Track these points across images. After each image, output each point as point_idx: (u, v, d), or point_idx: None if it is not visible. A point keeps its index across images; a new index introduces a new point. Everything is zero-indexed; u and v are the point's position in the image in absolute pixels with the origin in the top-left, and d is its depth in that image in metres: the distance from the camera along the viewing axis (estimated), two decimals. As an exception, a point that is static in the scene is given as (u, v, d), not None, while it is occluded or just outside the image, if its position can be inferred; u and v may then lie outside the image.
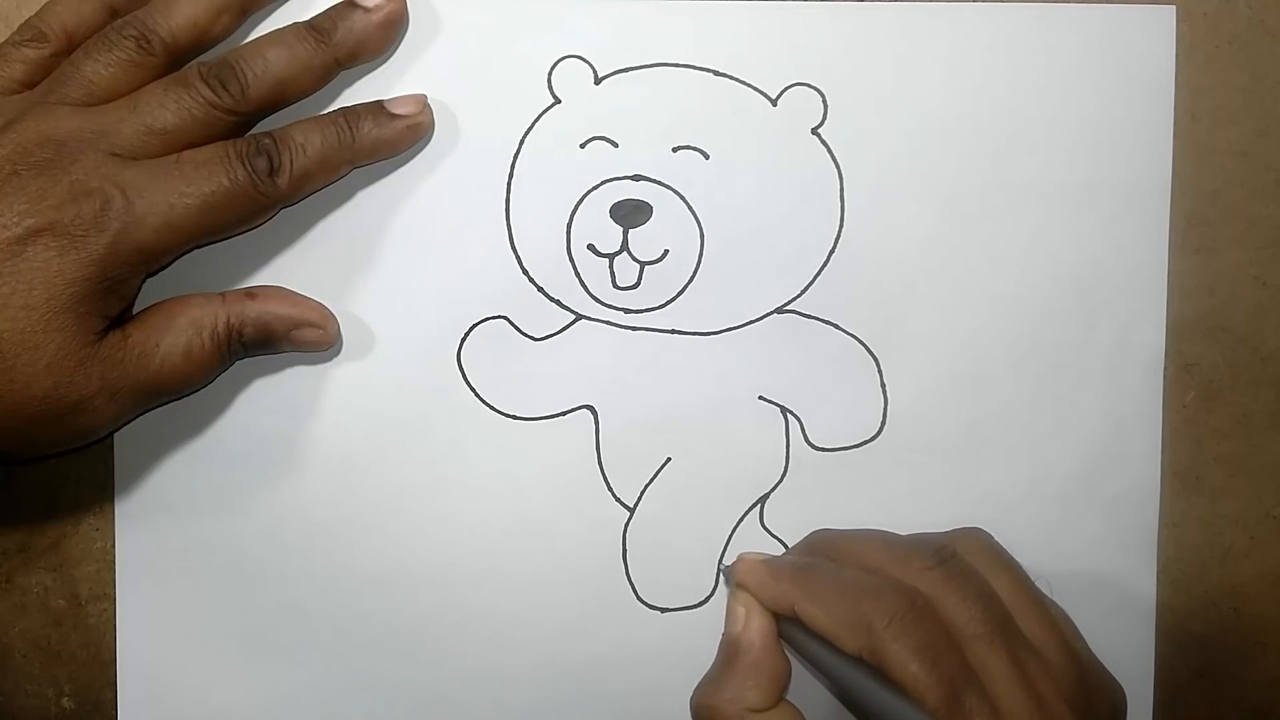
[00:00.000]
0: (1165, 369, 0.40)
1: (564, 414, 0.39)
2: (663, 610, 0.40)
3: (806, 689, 0.37)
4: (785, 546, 0.40)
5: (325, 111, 0.37)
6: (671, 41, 0.38)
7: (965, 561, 0.35)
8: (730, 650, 0.36)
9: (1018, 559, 0.37)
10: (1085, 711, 0.33)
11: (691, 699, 0.36)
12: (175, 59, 0.36)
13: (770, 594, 0.35)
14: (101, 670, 0.40)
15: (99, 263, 0.33)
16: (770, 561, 0.36)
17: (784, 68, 0.39)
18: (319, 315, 0.38)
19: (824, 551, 0.37)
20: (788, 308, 0.39)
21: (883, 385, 0.40)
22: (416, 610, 0.40)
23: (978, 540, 0.36)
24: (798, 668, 0.36)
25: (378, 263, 0.39)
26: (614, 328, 0.39)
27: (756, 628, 0.36)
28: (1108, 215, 0.39)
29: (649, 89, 0.38)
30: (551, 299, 0.39)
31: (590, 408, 0.39)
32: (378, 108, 0.37)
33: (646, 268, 0.39)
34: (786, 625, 0.35)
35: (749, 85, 0.39)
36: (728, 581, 0.38)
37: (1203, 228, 0.40)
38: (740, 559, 0.37)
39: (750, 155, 0.39)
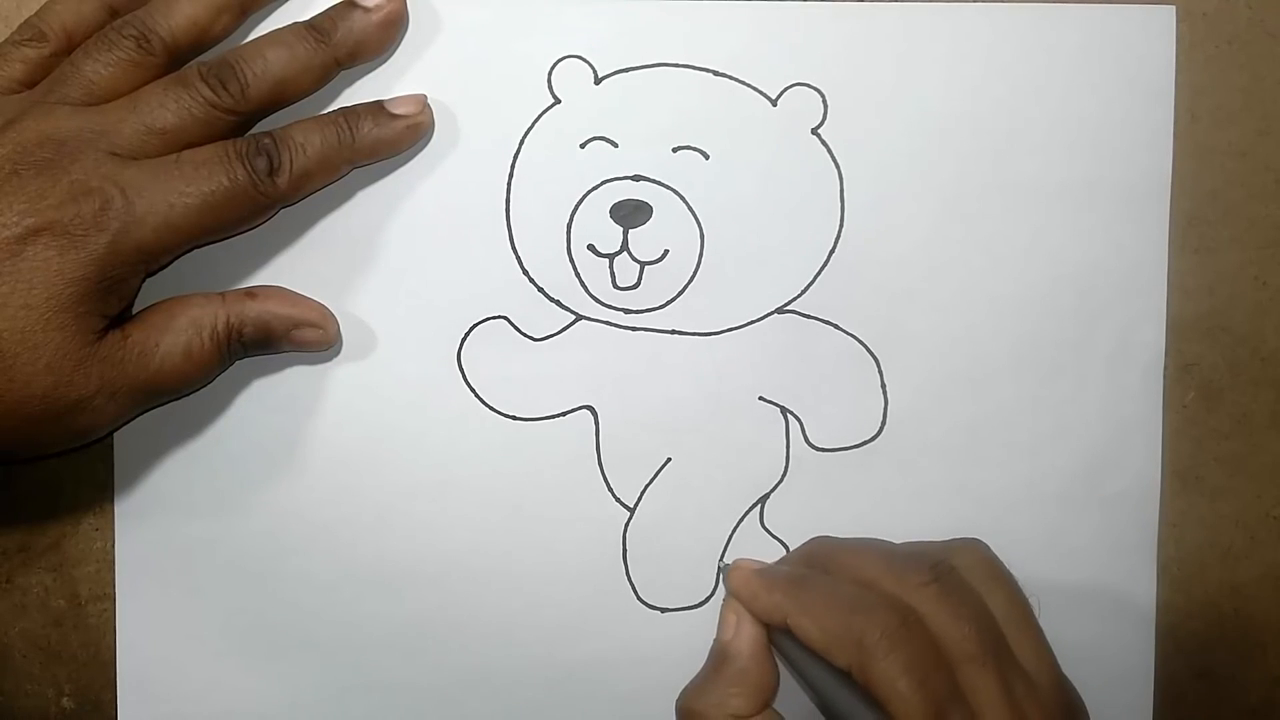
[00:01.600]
0: (1165, 369, 0.40)
1: (564, 414, 0.39)
2: (663, 610, 0.40)
3: (796, 699, 0.36)
4: (785, 547, 0.40)
5: (325, 111, 0.37)
6: (671, 41, 0.38)
7: (961, 577, 0.34)
8: (719, 657, 0.36)
9: (1018, 559, 0.37)
10: None
11: (677, 702, 0.36)
12: (175, 59, 0.36)
13: (763, 605, 0.35)
14: (101, 670, 0.40)
15: (99, 262, 0.33)
16: (764, 572, 0.36)
17: (784, 68, 0.39)
18: (319, 315, 0.38)
19: (821, 562, 0.37)
20: (788, 308, 0.39)
21: (883, 385, 0.40)
22: (416, 610, 0.40)
23: (975, 553, 0.36)
24: (787, 679, 0.36)
25: (378, 263, 0.39)
26: (614, 328, 0.39)
27: (746, 636, 0.36)
28: (1108, 215, 0.39)
29: (649, 89, 0.38)
30: (551, 299, 0.39)
31: (590, 408, 0.39)
32: (378, 108, 0.37)
33: (646, 268, 0.39)
34: (778, 636, 0.35)
35: (749, 85, 0.39)
36: (725, 582, 0.38)
37: (1203, 228, 0.40)
38: (735, 566, 0.37)
39: (750, 155, 0.39)
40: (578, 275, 0.39)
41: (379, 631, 0.40)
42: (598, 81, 0.38)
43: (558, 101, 0.38)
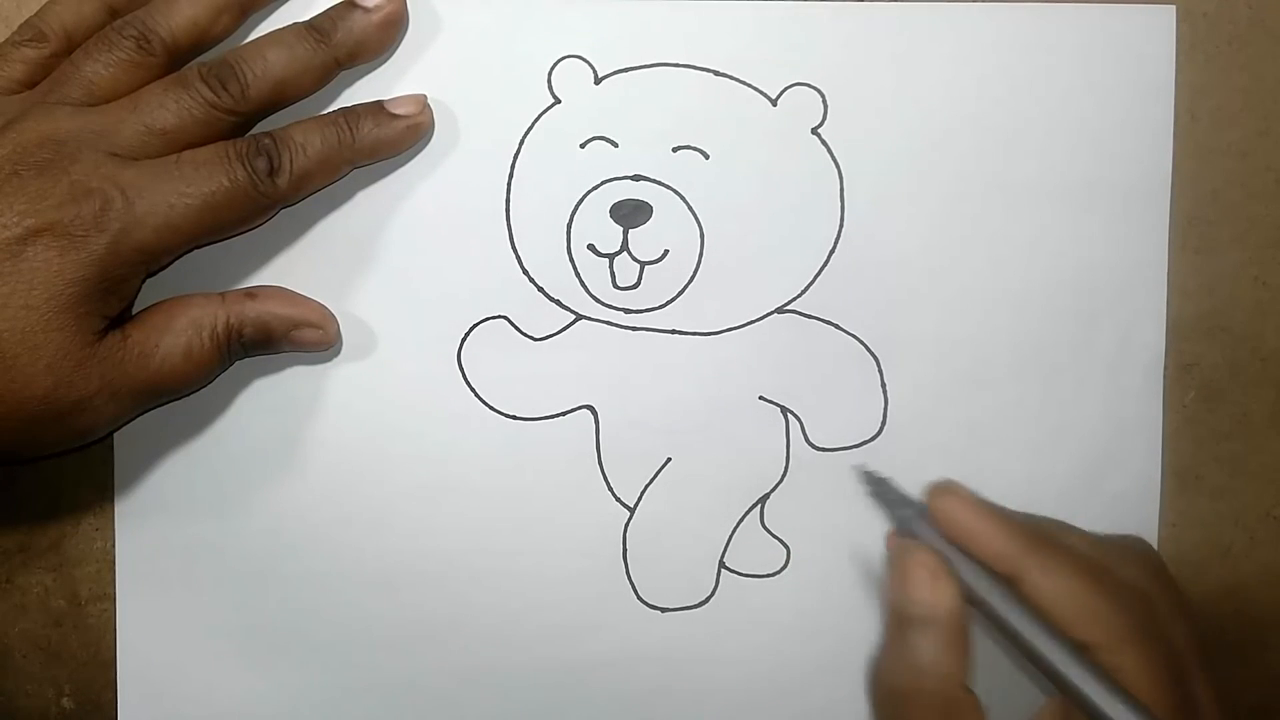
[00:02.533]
0: (1165, 369, 0.40)
1: (564, 414, 0.39)
2: (663, 610, 0.40)
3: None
4: (786, 547, 0.40)
5: (325, 111, 0.37)
6: (671, 41, 0.38)
7: (1170, 574, 0.33)
8: (922, 619, 0.32)
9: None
10: None
11: (875, 679, 0.33)
12: (175, 59, 0.36)
13: (995, 549, 0.32)
14: (101, 670, 0.40)
15: (99, 263, 0.33)
16: (995, 512, 0.33)
17: (784, 68, 0.39)
18: (319, 315, 0.38)
19: (1020, 518, 0.34)
20: (788, 308, 0.39)
21: (883, 385, 0.40)
22: (417, 610, 0.40)
23: (1157, 555, 0.35)
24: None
25: (378, 263, 0.39)
26: (614, 328, 0.39)
27: (951, 591, 0.32)
28: (1108, 215, 0.39)
29: (649, 89, 0.38)
30: (551, 299, 0.39)
31: (590, 408, 0.39)
32: (378, 108, 0.37)
33: (646, 268, 0.39)
34: (981, 583, 0.32)
35: (749, 85, 0.39)
36: (890, 503, 0.34)
37: (1203, 228, 0.40)
38: (948, 491, 0.33)
39: (750, 155, 0.39)
40: (578, 275, 0.39)
41: (379, 631, 0.40)
42: (598, 81, 0.38)
43: (558, 101, 0.38)
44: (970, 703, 0.32)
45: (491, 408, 0.39)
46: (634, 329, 0.39)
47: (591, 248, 0.39)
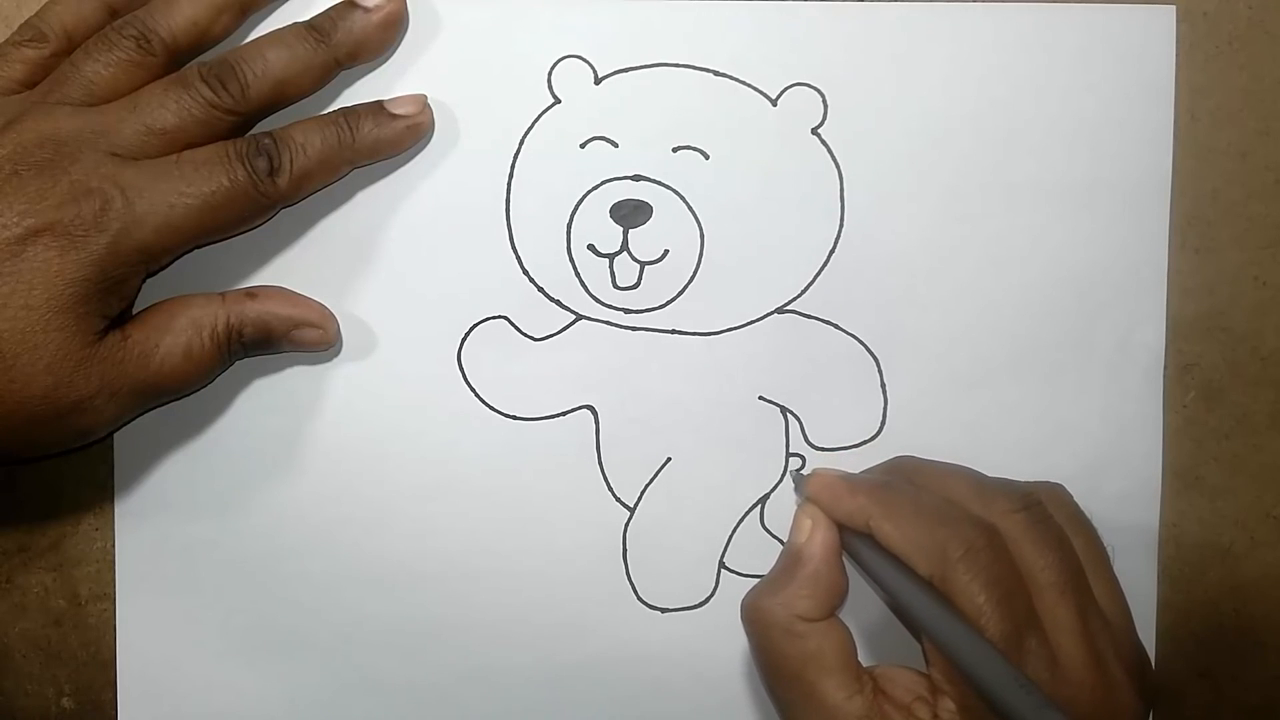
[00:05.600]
0: (1165, 369, 0.40)
1: (564, 414, 0.39)
2: (663, 610, 0.40)
3: (861, 610, 0.37)
4: (785, 546, 0.40)
5: (325, 111, 0.37)
6: (671, 41, 0.38)
7: (1046, 512, 0.34)
8: (790, 559, 0.35)
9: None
10: (1139, 678, 0.33)
11: (743, 600, 0.35)
12: (175, 59, 0.36)
13: (845, 508, 0.35)
14: (101, 670, 0.40)
15: (99, 263, 0.33)
16: (847, 477, 0.36)
17: (784, 68, 0.39)
18: (319, 315, 0.38)
19: (906, 476, 0.37)
20: (788, 308, 0.39)
21: (883, 385, 0.40)
22: (416, 610, 0.40)
23: (1059, 496, 0.36)
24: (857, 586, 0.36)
25: (378, 263, 0.39)
26: (614, 328, 0.39)
27: (820, 540, 0.35)
28: (1108, 215, 0.39)
29: (649, 89, 0.38)
30: (551, 299, 0.39)
31: (590, 408, 0.39)
32: (378, 108, 0.37)
33: (646, 268, 0.39)
34: (853, 540, 0.35)
35: (749, 85, 0.39)
36: (797, 489, 0.37)
37: (1203, 227, 0.40)
38: (817, 472, 0.36)
39: (750, 155, 0.39)
40: (578, 275, 0.39)
41: (379, 631, 0.40)
42: (598, 81, 0.38)
43: (558, 101, 0.38)
44: (827, 628, 0.34)
45: (491, 408, 0.39)
46: (634, 329, 0.39)
47: (591, 248, 0.39)
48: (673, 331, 0.39)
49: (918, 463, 0.37)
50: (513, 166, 0.38)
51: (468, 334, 0.39)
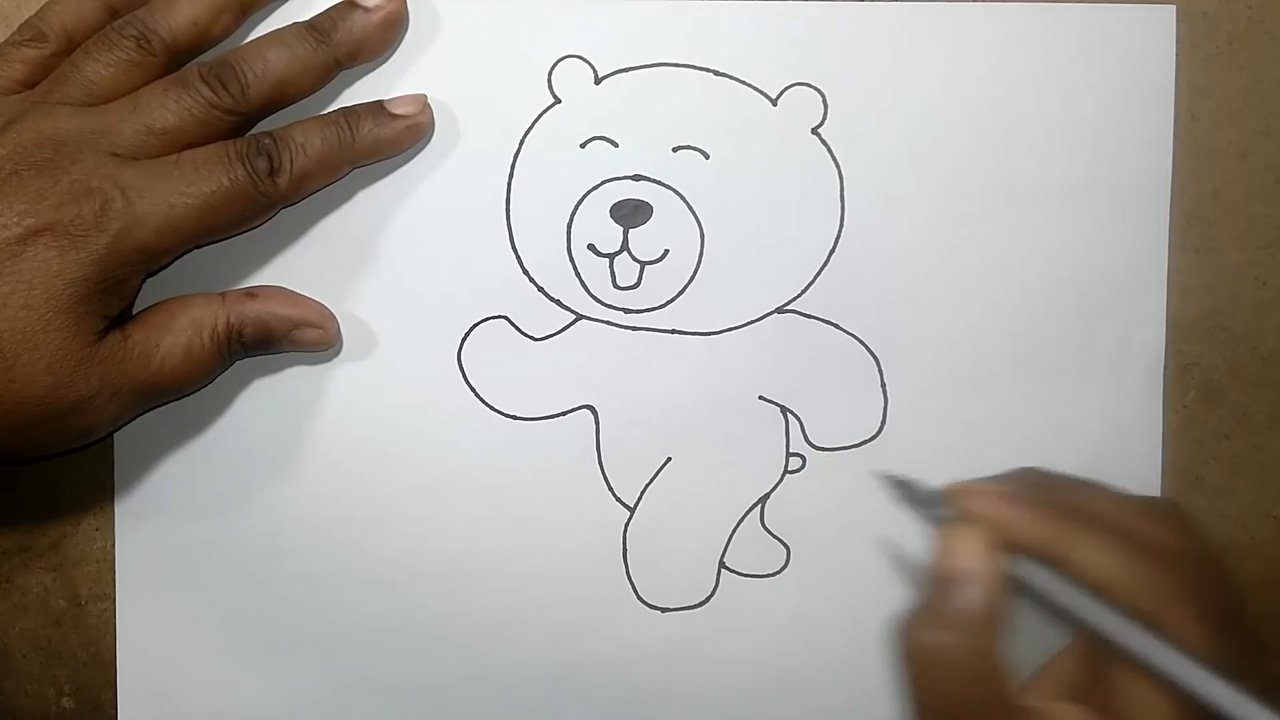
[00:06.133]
0: (1165, 369, 0.40)
1: (564, 414, 0.39)
2: (663, 610, 0.40)
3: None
4: (786, 547, 0.40)
5: (325, 111, 0.37)
6: (671, 41, 0.38)
7: (1201, 535, 0.34)
8: (962, 588, 0.32)
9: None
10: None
11: (905, 639, 0.32)
12: (175, 59, 0.36)
13: (1035, 535, 0.32)
14: (101, 670, 0.40)
15: (99, 263, 0.33)
16: (1024, 500, 0.33)
17: (784, 68, 0.39)
18: (319, 315, 0.38)
19: (1044, 489, 0.35)
20: (788, 308, 0.39)
21: (883, 385, 0.40)
22: (416, 610, 0.40)
23: (1185, 514, 0.35)
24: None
25: (378, 263, 0.39)
26: (614, 328, 0.39)
27: (992, 566, 0.32)
28: (1108, 215, 0.39)
29: (649, 89, 0.38)
30: (551, 299, 0.39)
31: (590, 408, 0.39)
32: (378, 108, 0.37)
33: (646, 268, 0.39)
34: (1027, 567, 0.33)
35: (749, 85, 0.39)
36: (921, 503, 0.34)
37: (1203, 227, 0.40)
38: (969, 491, 0.33)
39: (750, 155, 0.39)
40: (578, 275, 0.39)
41: (379, 631, 0.40)
42: (598, 81, 0.38)
43: (558, 101, 0.38)
44: (999, 670, 0.32)
45: (491, 408, 0.39)
46: (634, 329, 0.39)
47: (591, 248, 0.39)
48: (673, 331, 0.39)
49: (1049, 477, 0.36)
50: (513, 166, 0.38)
51: (468, 334, 0.39)
